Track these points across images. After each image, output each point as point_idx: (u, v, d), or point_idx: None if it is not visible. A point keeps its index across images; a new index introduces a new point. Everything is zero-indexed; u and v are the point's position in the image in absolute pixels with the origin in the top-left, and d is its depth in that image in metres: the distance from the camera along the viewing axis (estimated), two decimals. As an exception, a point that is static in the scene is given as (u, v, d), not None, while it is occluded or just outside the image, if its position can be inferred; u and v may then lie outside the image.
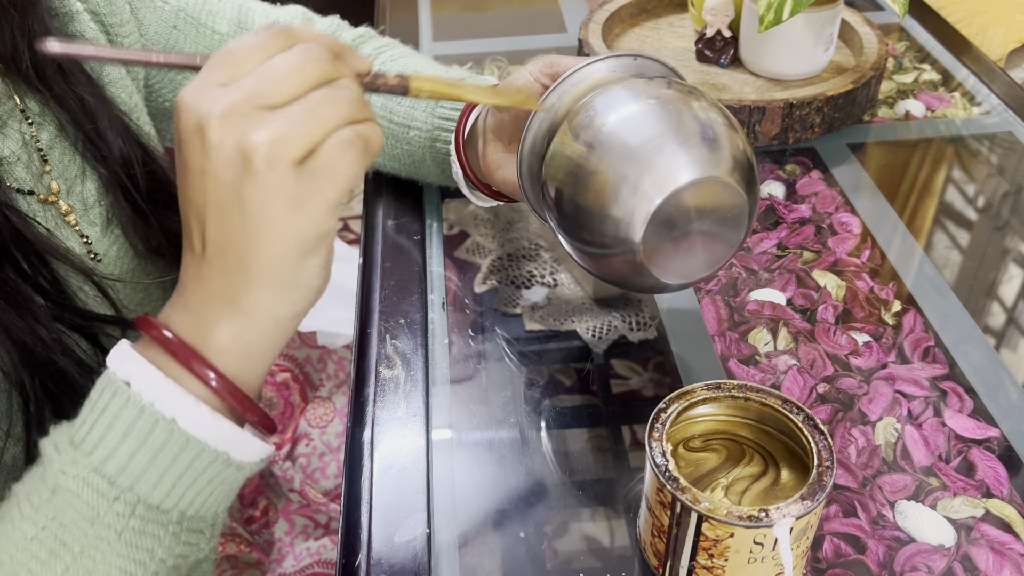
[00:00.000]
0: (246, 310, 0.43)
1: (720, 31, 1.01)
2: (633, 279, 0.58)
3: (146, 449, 0.41)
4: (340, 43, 0.43)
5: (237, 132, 0.39)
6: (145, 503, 0.42)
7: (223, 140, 0.39)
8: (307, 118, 0.40)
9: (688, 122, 0.55)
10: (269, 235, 0.41)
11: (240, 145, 0.39)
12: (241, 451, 0.44)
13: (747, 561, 0.50)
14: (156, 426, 0.41)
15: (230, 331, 0.43)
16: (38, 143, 0.59)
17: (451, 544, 0.58)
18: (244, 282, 0.42)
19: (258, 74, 0.40)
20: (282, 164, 0.40)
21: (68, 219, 0.60)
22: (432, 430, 0.66)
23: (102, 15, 0.64)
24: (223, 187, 0.40)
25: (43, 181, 0.59)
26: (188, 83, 0.41)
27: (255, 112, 0.39)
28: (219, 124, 0.39)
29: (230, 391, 0.43)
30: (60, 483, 0.41)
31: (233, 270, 0.42)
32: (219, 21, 0.73)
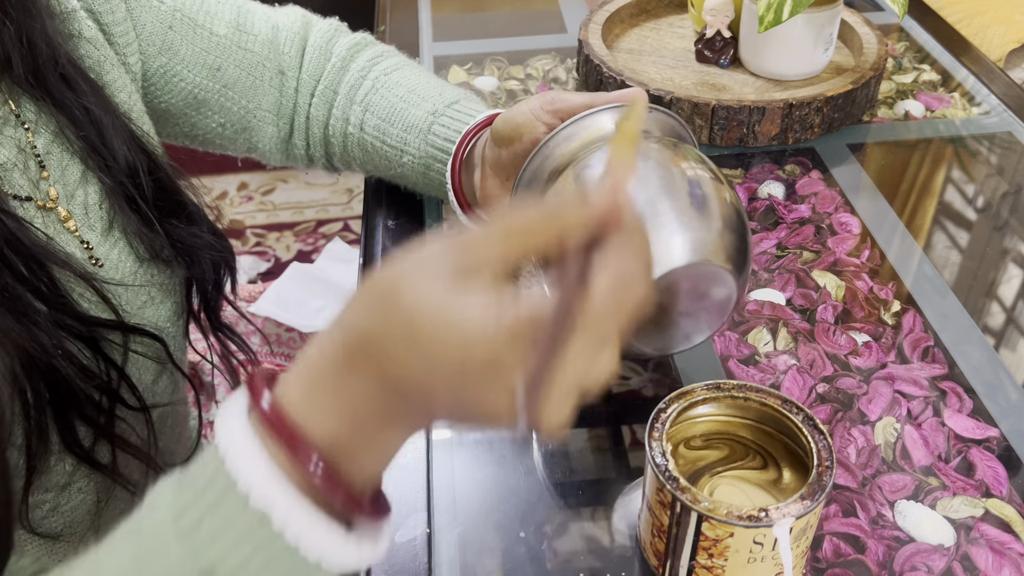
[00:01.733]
0: (407, 428, 0.39)
1: (720, 31, 1.01)
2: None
3: (259, 557, 0.37)
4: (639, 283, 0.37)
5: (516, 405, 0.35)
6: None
7: (493, 411, 0.36)
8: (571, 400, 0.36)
9: (688, 200, 0.54)
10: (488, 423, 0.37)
11: (509, 410, 0.35)
12: (355, 555, 0.39)
13: (747, 561, 0.50)
14: (273, 543, 0.36)
15: (397, 443, 0.39)
16: (35, 149, 0.59)
17: (451, 544, 0.58)
18: (423, 418, 0.38)
19: (573, 374, 0.35)
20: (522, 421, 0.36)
21: (67, 225, 0.60)
22: (432, 430, 0.66)
23: (98, 13, 0.64)
24: (467, 402, 0.36)
25: (41, 187, 0.59)
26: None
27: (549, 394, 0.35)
28: (510, 378, 0.35)
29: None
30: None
31: (420, 410, 0.38)
32: (217, 23, 0.73)
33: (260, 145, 0.78)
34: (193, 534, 0.37)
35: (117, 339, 0.59)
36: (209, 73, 0.72)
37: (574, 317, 0.34)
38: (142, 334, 0.62)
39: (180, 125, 0.75)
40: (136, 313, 0.63)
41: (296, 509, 0.36)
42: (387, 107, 0.75)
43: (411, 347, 0.35)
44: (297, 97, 0.78)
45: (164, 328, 0.66)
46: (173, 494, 0.38)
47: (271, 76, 0.76)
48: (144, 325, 0.63)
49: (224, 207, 2.21)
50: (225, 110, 0.75)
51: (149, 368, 0.65)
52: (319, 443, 0.37)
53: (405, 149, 0.74)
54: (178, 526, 0.37)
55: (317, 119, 0.78)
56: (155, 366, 0.65)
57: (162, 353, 0.64)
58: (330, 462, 0.37)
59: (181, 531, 0.37)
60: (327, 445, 0.37)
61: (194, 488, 0.37)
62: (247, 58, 0.74)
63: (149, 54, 0.69)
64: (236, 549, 0.36)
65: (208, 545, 0.36)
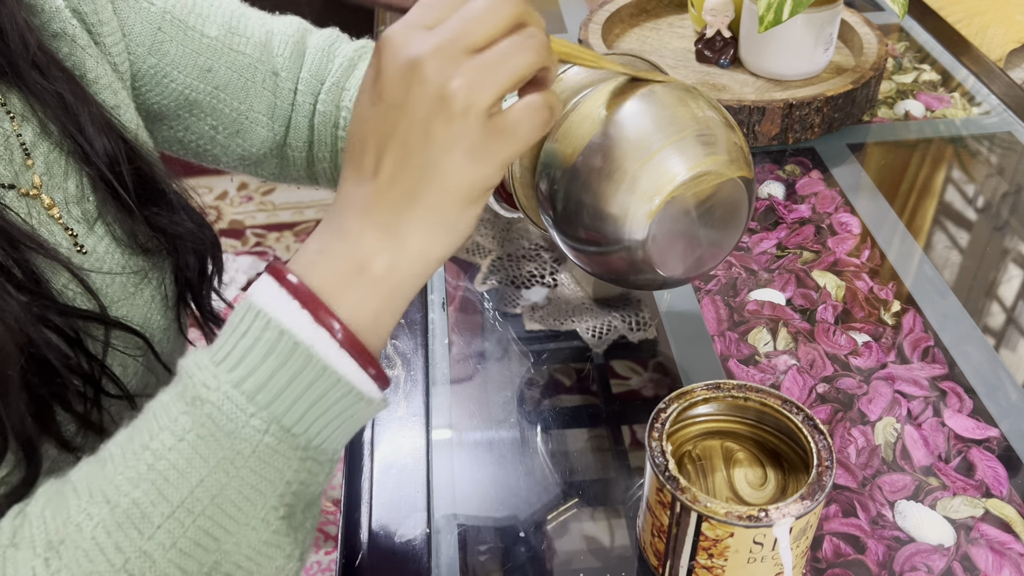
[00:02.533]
0: (404, 244, 0.44)
1: (720, 31, 1.01)
2: (634, 276, 0.58)
3: (284, 371, 0.42)
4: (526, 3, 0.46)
5: (442, 74, 0.41)
6: (279, 423, 0.43)
7: (427, 80, 0.41)
8: (501, 65, 0.42)
9: (683, 117, 0.55)
10: (445, 177, 0.43)
11: (442, 88, 0.41)
12: (365, 386, 0.45)
13: (747, 561, 0.50)
14: (295, 350, 0.42)
15: (386, 261, 0.44)
16: (20, 137, 0.59)
17: (451, 544, 0.58)
18: (409, 216, 0.43)
19: (460, 15, 0.42)
20: (474, 112, 0.42)
21: (51, 212, 0.60)
22: (432, 430, 0.66)
23: (84, 13, 0.64)
24: (416, 123, 0.42)
25: (25, 175, 0.59)
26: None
27: (459, 55, 0.42)
28: (427, 64, 0.41)
29: (352, 343, 0.43)
30: (200, 395, 0.42)
31: (402, 203, 0.43)
32: (208, 25, 0.72)
33: (254, 150, 0.78)
34: (229, 361, 0.42)
35: (99, 334, 0.59)
36: (200, 74, 0.72)
37: None
38: (124, 329, 0.61)
39: (174, 128, 0.75)
40: (122, 303, 0.63)
41: (320, 337, 0.42)
42: None
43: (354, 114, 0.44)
44: (295, 97, 0.78)
45: (151, 319, 0.66)
46: (207, 346, 0.44)
47: (264, 78, 0.76)
48: (130, 318, 0.63)
49: (224, 207, 2.21)
50: (217, 112, 0.75)
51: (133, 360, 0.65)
52: (331, 254, 0.44)
53: None
54: (215, 357, 0.43)
55: (324, 115, 0.78)
56: (140, 356, 0.65)
57: (144, 347, 0.64)
58: (342, 320, 0.43)
59: (216, 360, 0.42)
60: (340, 258, 0.44)
61: (230, 326, 0.43)
62: (239, 60, 0.74)
63: (138, 55, 0.69)
64: (266, 366, 0.42)
65: (238, 363, 0.42)
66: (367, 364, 0.44)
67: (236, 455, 0.42)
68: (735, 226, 0.58)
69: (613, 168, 0.55)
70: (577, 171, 0.56)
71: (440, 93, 0.41)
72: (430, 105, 0.42)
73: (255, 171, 0.82)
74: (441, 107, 0.42)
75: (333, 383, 0.43)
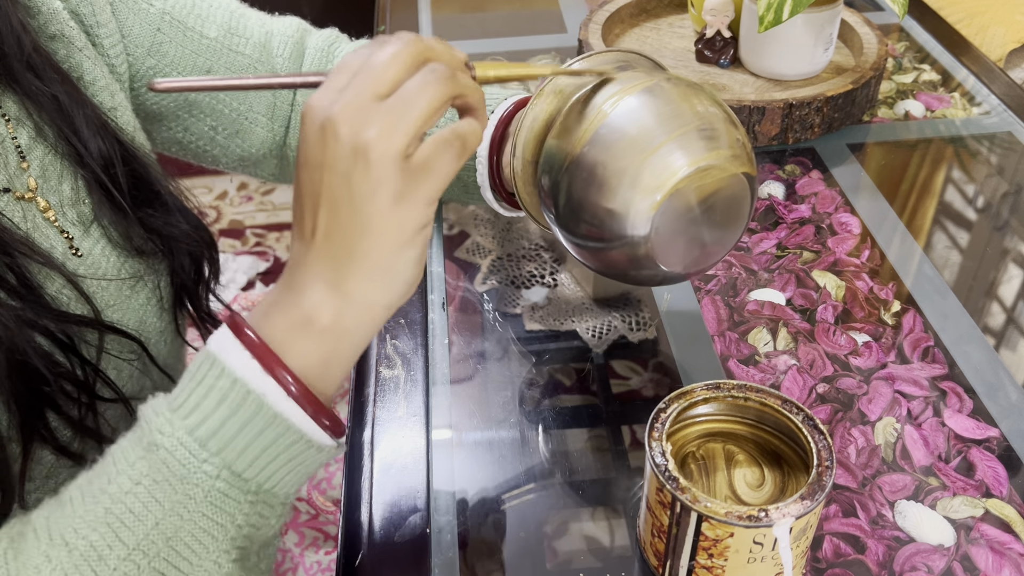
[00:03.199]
0: (347, 293, 0.46)
1: (720, 31, 1.01)
2: (636, 271, 0.58)
3: (236, 419, 0.44)
4: (433, 40, 0.47)
5: (352, 127, 0.43)
6: (230, 469, 0.45)
7: (340, 135, 0.43)
8: (407, 107, 0.44)
9: (685, 112, 0.55)
10: (373, 224, 0.44)
11: (354, 141, 0.43)
12: (314, 433, 0.47)
13: (747, 561, 0.50)
14: (247, 399, 0.44)
15: (330, 312, 0.45)
16: (15, 140, 0.59)
17: (451, 544, 0.58)
18: (348, 267, 0.45)
19: (364, 69, 0.44)
20: (389, 158, 0.43)
21: (47, 215, 0.60)
22: (432, 430, 0.66)
23: (82, 15, 0.64)
24: (338, 179, 0.44)
25: (20, 179, 0.59)
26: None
27: (366, 106, 0.43)
28: (337, 121, 0.43)
29: (301, 391, 0.45)
30: (156, 441, 0.44)
31: (339, 255, 0.45)
32: (208, 26, 0.72)
33: (253, 150, 0.78)
34: (184, 409, 0.44)
35: (94, 340, 0.59)
36: (199, 75, 0.72)
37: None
38: (118, 333, 0.61)
39: (173, 129, 0.75)
40: (117, 307, 0.63)
41: (269, 385, 0.44)
42: None
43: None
44: (295, 97, 0.78)
45: (147, 322, 0.66)
46: (166, 393, 0.46)
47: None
48: (125, 321, 0.63)
49: (224, 207, 2.21)
50: (216, 112, 0.74)
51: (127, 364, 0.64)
52: (280, 309, 0.46)
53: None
54: (171, 404, 0.45)
55: None
56: (135, 361, 0.65)
57: (139, 351, 0.64)
58: (292, 370, 0.45)
59: (173, 407, 0.45)
60: (288, 311, 0.46)
61: (188, 375, 0.45)
62: (238, 61, 0.74)
63: (137, 56, 0.69)
64: (219, 414, 0.44)
65: (192, 410, 0.44)
66: (317, 412, 0.46)
67: (189, 499, 0.44)
68: (737, 222, 0.58)
69: (615, 164, 0.54)
70: (579, 167, 0.56)
71: (354, 146, 0.43)
72: (347, 159, 0.43)
73: (254, 171, 0.82)
74: (357, 159, 0.43)
75: (283, 430, 0.45)
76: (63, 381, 0.56)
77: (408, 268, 0.46)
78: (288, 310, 0.46)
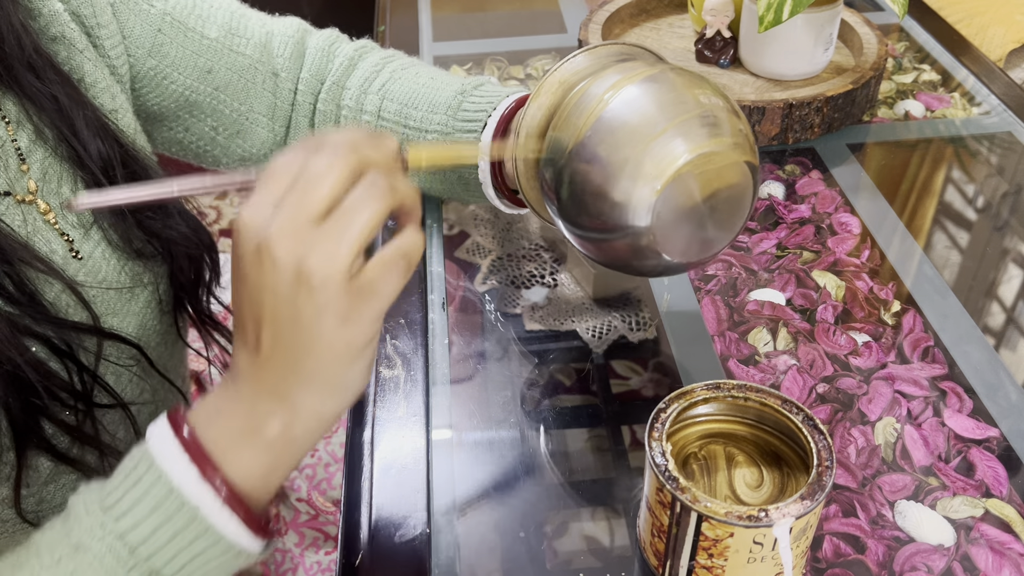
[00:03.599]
0: (295, 407, 0.45)
1: (720, 31, 1.01)
2: (639, 262, 0.58)
3: (168, 527, 0.44)
4: (363, 133, 0.46)
5: (293, 254, 0.42)
6: (157, 574, 0.45)
7: (280, 261, 0.43)
8: (347, 228, 0.43)
9: (687, 101, 0.55)
10: (320, 344, 0.44)
11: (296, 267, 0.42)
12: (245, 543, 0.47)
13: (747, 561, 0.50)
14: (181, 509, 0.44)
15: (279, 423, 0.45)
16: (15, 143, 0.59)
17: (451, 544, 0.58)
18: (296, 382, 0.45)
19: (295, 187, 0.43)
20: (333, 282, 0.43)
21: (47, 218, 0.60)
22: (432, 430, 0.66)
23: (83, 16, 0.64)
24: (281, 301, 0.43)
25: (20, 181, 0.59)
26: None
27: (303, 230, 0.42)
28: (275, 247, 0.42)
29: (236, 502, 0.45)
30: (84, 543, 0.44)
31: (286, 371, 0.45)
32: (208, 26, 0.72)
33: (254, 150, 0.78)
34: (117, 510, 0.44)
35: (91, 343, 0.59)
36: (200, 76, 0.72)
37: None
38: (118, 340, 0.61)
39: (174, 129, 0.75)
40: (117, 311, 0.63)
41: (205, 495, 0.44)
42: (408, 92, 0.75)
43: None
44: (296, 97, 0.78)
45: (146, 326, 0.66)
46: (101, 483, 0.46)
47: (264, 79, 0.76)
48: (124, 326, 0.63)
49: (224, 207, 2.21)
50: (217, 113, 0.74)
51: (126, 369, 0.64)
52: (229, 416, 0.46)
53: (428, 128, 0.73)
54: (104, 503, 0.44)
55: (325, 114, 0.78)
56: (135, 366, 0.65)
57: (139, 356, 0.64)
58: (230, 480, 0.45)
59: (105, 506, 0.44)
60: (236, 419, 0.46)
61: (122, 472, 0.45)
62: (239, 61, 0.74)
63: (138, 56, 0.69)
64: (151, 521, 0.44)
65: (125, 513, 0.44)
66: (250, 522, 0.46)
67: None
68: (739, 212, 0.58)
69: (616, 152, 0.54)
70: (580, 157, 0.56)
71: (296, 272, 0.42)
72: (288, 284, 0.43)
73: None
74: (300, 284, 0.43)
75: (214, 541, 0.45)
76: (57, 390, 0.56)
77: (356, 380, 0.46)
78: (234, 418, 0.45)
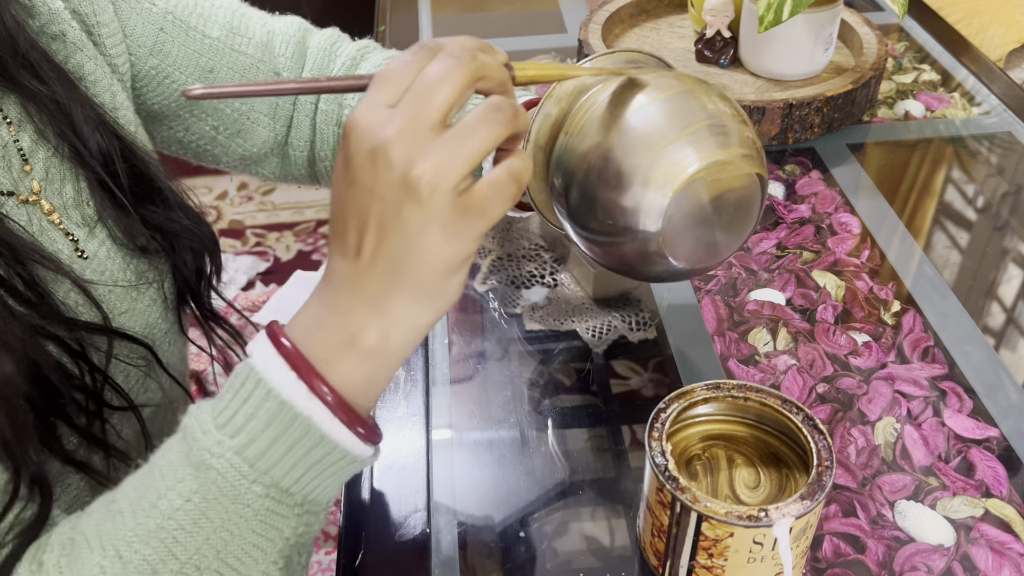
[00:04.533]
0: (393, 316, 0.46)
1: (720, 31, 1.01)
2: (647, 267, 0.58)
3: (284, 439, 0.45)
4: (475, 40, 0.46)
5: (405, 160, 0.42)
6: (278, 487, 0.46)
7: (393, 166, 0.43)
8: (464, 143, 0.43)
9: (698, 109, 0.56)
10: (423, 255, 0.44)
11: (407, 173, 0.42)
12: (359, 449, 0.48)
13: (747, 561, 0.50)
14: (294, 421, 0.45)
15: (377, 334, 0.46)
16: (17, 143, 0.59)
17: (451, 544, 0.58)
18: (396, 291, 0.45)
19: (414, 91, 0.43)
20: (441, 194, 0.43)
21: (52, 218, 0.59)
22: (432, 430, 0.66)
23: (84, 14, 0.64)
24: (388, 207, 0.43)
25: (24, 182, 0.59)
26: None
27: (421, 136, 0.43)
28: (391, 149, 0.42)
29: (347, 411, 0.46)
30: (205, 461, 0.45)
31: (386, 279, 0.45)
32: (211, 25, 0.72)
33: (255, 150, 0.78)
34: (231, 427, 0.45)
35: (103, 345, 0.59)
36: (202, 75, 0.72)
37: None
38: (129, 340, 0.61)
39: (174, 128, 0.75)
40: (124, 311, 0.63)
41: (315, 407, 0.45)
42: None
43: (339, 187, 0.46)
44: (297, 96, 0.78)
45: (153, 324, 0.66)
46: (210, 402, 0.47)
47: (265, 78, 0.76)
48: (132, 325, 0.63)
49: (224, 207, 2.21)
50: (218, 112, 0.74)
51: (135, 369, 0.64)
52: (326, 326, 0.46)
53: None
54: (218, 420, 0.45)
55: (327, 114, 0.78)
56: (143, 366, 0.65)
57: (148, 356, 0.64)
58: (336, 389, 0.46)
59: (219, 424, 0.45)
60: (333, 330, 0.46)
61: (231, 389, 0.46)
62: (240, 60, 0.74)
63: (139, 55, 0.69)
64: (267, 435, 0.45)
65: (240, 430, 0.45)
66: (360, 428, 0.47)
67: (239, 517, 0.45)
68: (747, 221, 0.58)
69: (628, 159, 0.55)
70: (591, 165, 0.56)
71: (405, 178, 0.43)
72: (398, 190, 0.43)
73: (255, 171, 0.82)
74: (409, 192, 0.43)
75: (330, 449, 0.46)
76: (74, 391, 0.56)
77: (452, 292, 0.47)
78: (332, 330, 0.46)
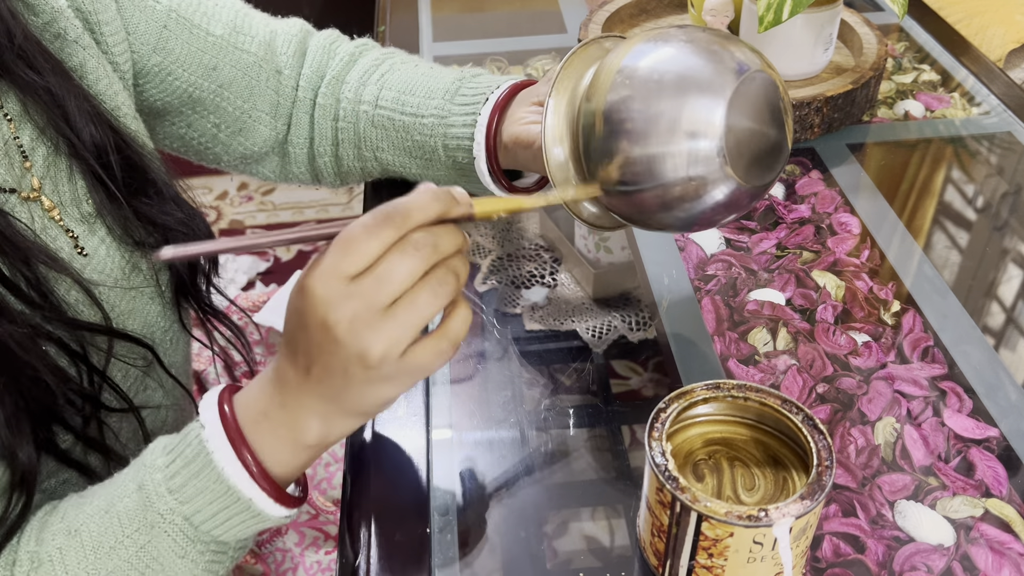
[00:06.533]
0: (332, 426, 0.52)
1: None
2: (711, 196, 0.58)
3: (227, 512, 0.52)
4: (438, 205, 0.48)
5: (357, 342, 0.47)
6: (218, 541, 0.54)
7: (344, 344, 0.47)
8: (412, 318, 0.47)
9: (715, 41, 0.58)
10: (363, 397, 0.50)
11: (360, 350, 0.47)
12: (286, 513, 0.55)
13: (747, 560, 0.50)
14: (238, 502, 0.52)
15: (317, 435, 0.52)
16: (17, 140, 0.58)
17: (451, 544, 0.58)
18: (336, 410, 0.51)
19: (376, 278, 0.47)
20: (388, 361, 0.48)
21: (52, 214, 0.60)
22: (432, 430, 0.66)
23: (87, 13, 0.64)
24: (336, 362, 0.48)
25: (25, 179, 0.59)
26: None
27: (373, 317, 0.47)
28: (343, 331, 0.47)
29: (276, 488, 0.53)
30: (157, 523, 0.52)
31: (329, 401, 0.51)
32: (214, 24, 0.73)
33: (255, 148, 0.78)
34: (183, 495, 0.52)
35: (102, 342, 0.59)
36: (204, 72, 0.72)
37: None
38: (130, 340, 0.61)
39: (176, 124, 0.75)
40: (124, 310, 0.63)
41: (257, 493, 0.52)
42: (406, 81, 0.76)
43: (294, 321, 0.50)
44: (296, 94, 0.78)
45: (153, 322, 0.66)
46: (165, 459, 0.52)
47: (267, 76, 0.76)
48: (132, 324, 0.63)
49: (224, 207, 2.21)
50: (220, 110, 0.75)
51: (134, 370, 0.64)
52: (274, 418, 0.52)
53: (424, 113, 0.74)
54: (170, 485, 0.52)
55: (324, 108, 0.78)
56: (143, 366, 0.65)
57: (148, 356, 0.64)
58: (274, 476, 0.53)
59: (172, 488, 0.52)
60: (281, 423, 0.52)
61: (183, 458, 0.52)
62: (243, 59, 0.74)
63: (142, 53, 0.69)
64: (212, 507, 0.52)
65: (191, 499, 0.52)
66: (283, 500, 0.53)
67: (184, 566, 0.54)
68: (784, 128, 0.60)
69: (672, 85, 0.56)
70: (633, 107, 0.57)
71: (358, 354, 0.47)
72: (347, 359, 0.48)
73: (256, 170, 0.82)
74: (359, 361, 0.47)
75: (264, 520, 0.54)
76: (71, 393, 0.57)
77: (387, 407, 0.53)
78: (278, 426, 0.52)
